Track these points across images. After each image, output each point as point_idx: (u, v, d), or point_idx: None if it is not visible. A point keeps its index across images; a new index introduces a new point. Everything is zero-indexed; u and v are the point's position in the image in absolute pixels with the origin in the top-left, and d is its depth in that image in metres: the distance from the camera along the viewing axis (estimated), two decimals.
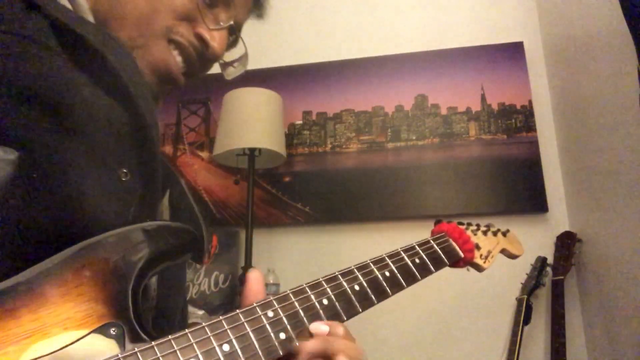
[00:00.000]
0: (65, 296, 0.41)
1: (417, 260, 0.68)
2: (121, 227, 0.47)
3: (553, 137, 1.94)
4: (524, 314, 1.58)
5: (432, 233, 0.78)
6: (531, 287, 1.65)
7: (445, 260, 0.72)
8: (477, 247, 0.80)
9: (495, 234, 0.88)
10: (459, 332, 1.77)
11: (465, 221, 0.85)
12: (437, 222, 0.80)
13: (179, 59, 0.61)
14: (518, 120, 1.95)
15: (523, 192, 1.85)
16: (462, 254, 0.76)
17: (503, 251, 0.89)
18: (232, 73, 0.75)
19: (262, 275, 0.57)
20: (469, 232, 0.82)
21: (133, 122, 0.50)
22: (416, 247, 0.70)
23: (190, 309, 1.75)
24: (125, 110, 0.50)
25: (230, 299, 1.82)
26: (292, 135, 2.11)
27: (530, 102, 1.96)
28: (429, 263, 0.69)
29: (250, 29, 0.74)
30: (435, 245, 0.72)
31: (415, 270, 0.66)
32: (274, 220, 2.01)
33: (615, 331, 1.47)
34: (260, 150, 1.82)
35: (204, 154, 2.17)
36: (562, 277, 1.60)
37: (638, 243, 1.32)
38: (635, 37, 1.08)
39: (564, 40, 1.82)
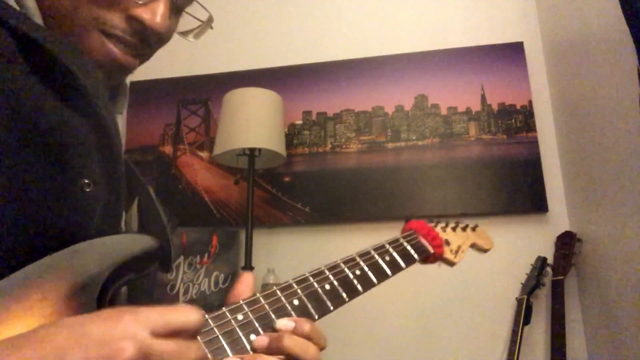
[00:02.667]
0: (29, 310, 0.40)
1: (387, 258, 0.70)
2: (84, 240, 0.46)
3: (553, 137, 1.94)
4: (524, 314, 1.58)
5: (402, 231, 0.81)
6: (531, 287, 1.65)
7: (415, 256, 0.74)
8: (447, 242, 0.83)
9: (464, 229, 0.92)
10: (459, 332, 1.77)
11: (434, 219, 0.88)
12: (407, 221, 0.83)
13: (120, 45, 0.55)
14: (518, 120, 1.95)
15: (523, 192, 1.85)
16: (431, 250, 0.79)
17: (473, 245, 0.92)
18: (197, 34, 0.67)
19: (254, 280, 0.57)
20: (438, 229, 0.85)
21: (94, 132, 0.48)
22: (386, 245, 0.73)
23: None
24: (86, 121, 0.47)
25: None
26: (292, 135, 2.11)
27: (530, 102, 1.96)
28: (398, 260, 0.72)
29: (251, 29, 0.74)
30: (404, 243, 0.75)
31: (385, 268, 0.69)
32: (274, 220, 2.01)
33: (615, 331, 1.47)
34: (260, 150, 1.82)
35: (204, 154, 2.17)
36: (562, 277, 1.60)
37: (638, 243, 1.32)
38: (635, 37, 1.08)
39: (564, 40, 1.82)
